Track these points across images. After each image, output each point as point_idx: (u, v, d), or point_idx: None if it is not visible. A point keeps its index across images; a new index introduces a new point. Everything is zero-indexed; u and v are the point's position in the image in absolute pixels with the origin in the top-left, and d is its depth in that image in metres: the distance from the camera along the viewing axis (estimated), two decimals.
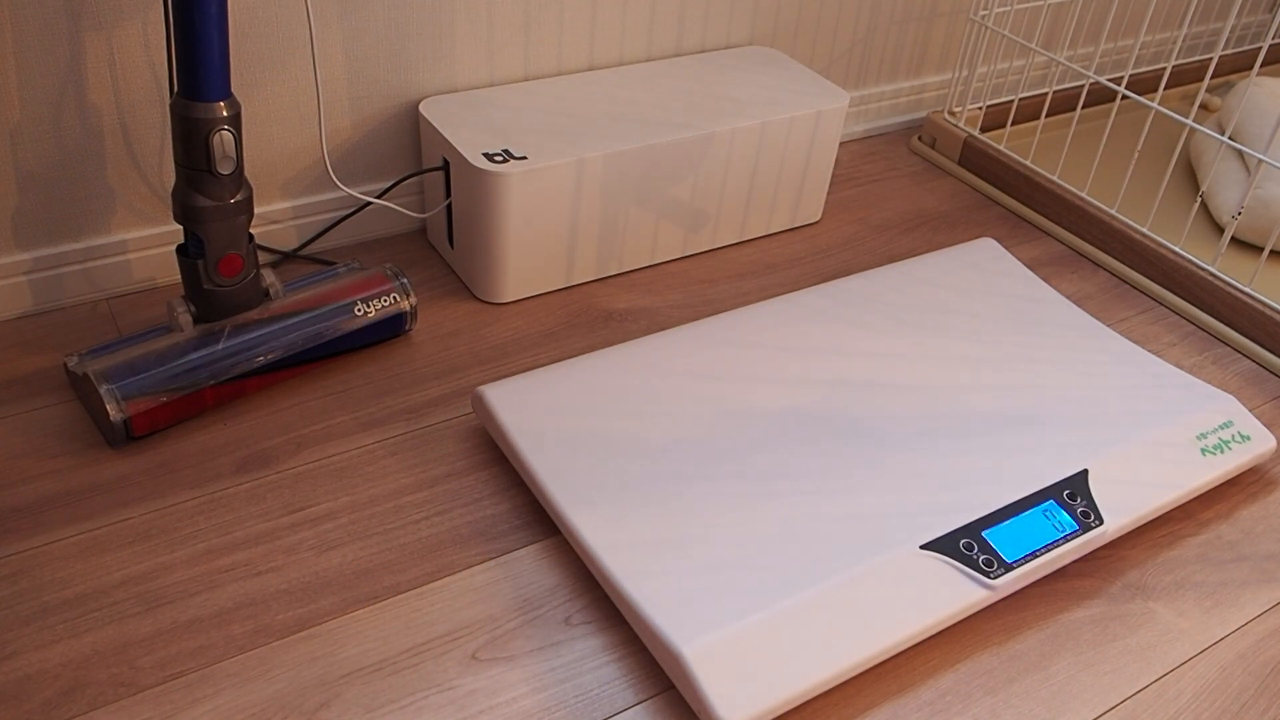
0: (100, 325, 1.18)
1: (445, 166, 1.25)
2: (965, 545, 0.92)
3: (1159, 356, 1.18)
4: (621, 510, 0.94)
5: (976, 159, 1.60)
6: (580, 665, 0.86)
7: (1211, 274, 1.31)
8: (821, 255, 1.41)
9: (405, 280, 1.17)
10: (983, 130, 1.65)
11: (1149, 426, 1.06)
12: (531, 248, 1.23)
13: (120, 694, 0.82)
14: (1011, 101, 1.65)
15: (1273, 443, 1.08)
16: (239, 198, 1.02)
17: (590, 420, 1.03)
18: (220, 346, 1.05)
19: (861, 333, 1.17)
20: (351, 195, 1.30)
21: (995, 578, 0.90)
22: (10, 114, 1.08)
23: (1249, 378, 1.24)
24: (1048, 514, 0.96)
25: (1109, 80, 1.48)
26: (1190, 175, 1.60)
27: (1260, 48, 1.36)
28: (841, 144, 1.69)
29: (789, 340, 1.15)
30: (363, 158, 1.31)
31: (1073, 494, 0.98)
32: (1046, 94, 1.62)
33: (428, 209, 1.35)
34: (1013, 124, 1.63)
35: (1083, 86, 1.54)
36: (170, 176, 1.19)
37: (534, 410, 1.03)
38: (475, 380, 1.14)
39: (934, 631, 0.88)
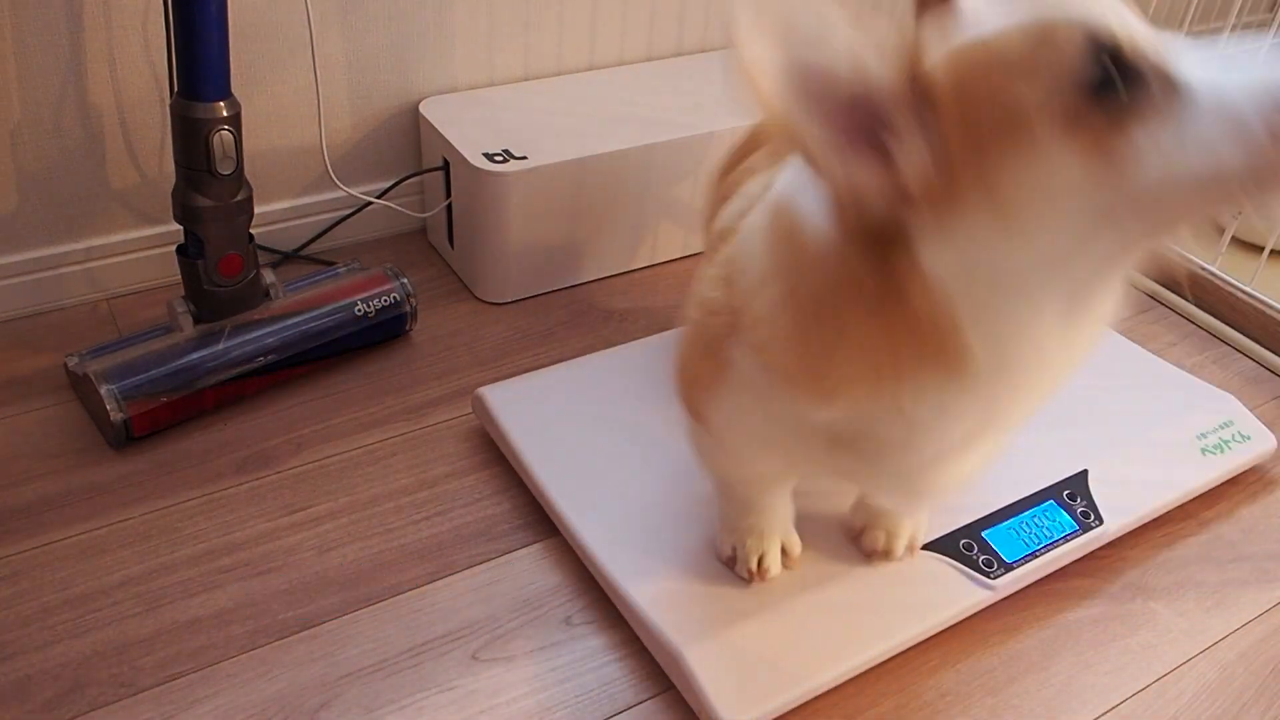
0: (100, 325, 1.18)
1: (445, 166, 1.25)
2: (965, 545, 0.92)
3: (1159, 356, 1.18)
4: (621, 511, 0.94)
5: None
6: (580, 665, 0.86)
7: (1212, 274, 1.31)
8: None
9: (405, 280, 1.17)
10: None
11: (1149, 426, 1.06)
12: (531, 248, 1.23)
13: (121, 694, 0.82)
14: None
15: (1273, 442, 1.08)
16: (239, 198, 1.02)
17: (590, 421, 1.03)
18: (220, 346, 1.05)
19: None
20: (352, 195, 1.30)
21: (995, 578, 0.90)
22: (10, 114, 1.08)
23: (1249, 377, 1.24)
24: (1048, 514, 0.96)
25: None
26: None
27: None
28: None
29: None
30: (363, 158, 1.31)
31: (1073, 494, 0.98)
32: None
33: (428, 209, 1.35)
34: None
35: None
36: (170, 176, 1.19)
37: (534, 411, 1.03)
38: (475, 380, 1.14)
39: (934, 632, 0.88)
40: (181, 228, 1.03)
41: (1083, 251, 0.54)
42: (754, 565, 0.87)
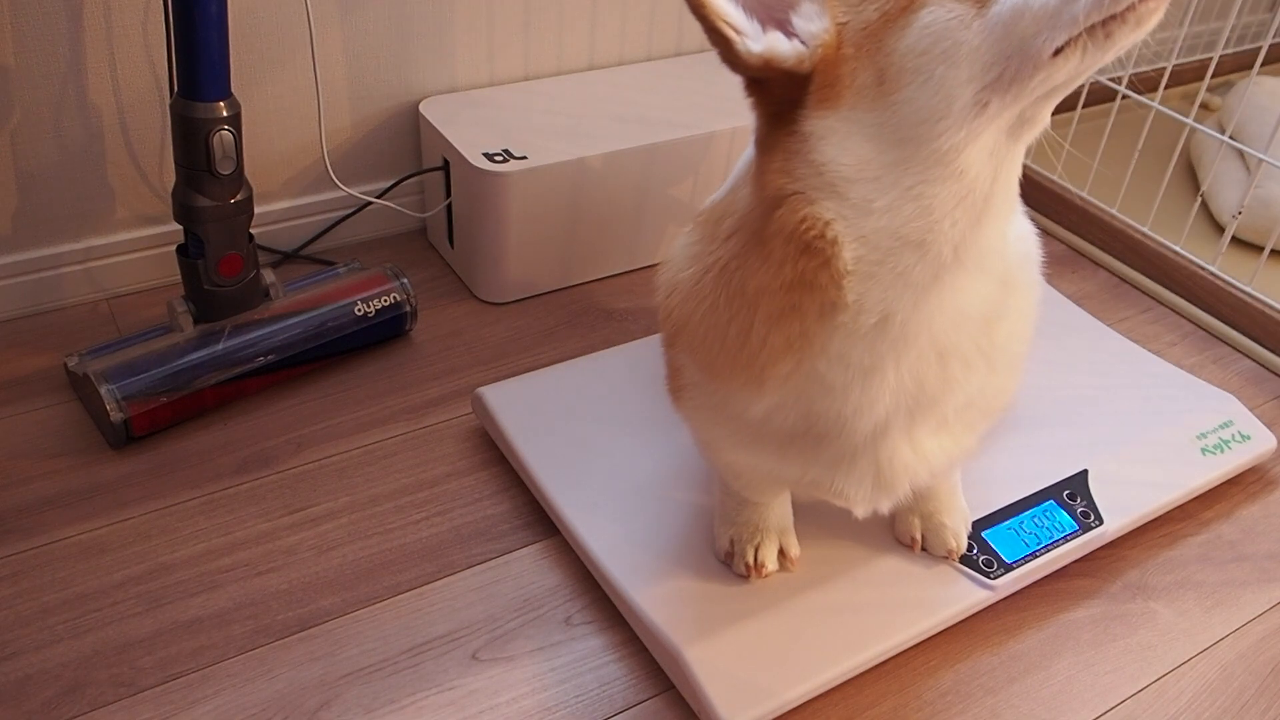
0: (100, 325, 1.18)
1: (445, 166, 1.25)
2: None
3: (1159, 356, 1.18)
4: (621, 511, 0.94)
5: None
6: (580, 665, 0.86)
7: (1212, 274, 1.31)
8: None
9: (405, 280, 1.17)
10: None
11: (1149, 426, 1.06)
12: (531, 248, 1.23)
13: (121, 694, 0.82)
14: None
15: (1273, 442, 1.08)
16: (239, 198, 1.02)
17: (590, 421, 1.03)
18: (220, 346, 1.05)
19: None
20: (352, 195, 1.30)
21: (995, 578, 0.90)
22: (10, 114, 1.08)
23: (1249, 377, 1.24)
24: (1048, 514, 0.96)
25: (1109, 80, 1.48)
26: (1190, 175, 1.60)
27: (1260, 47, 1.36)
28: None
29: None
30: (363, 158, 1.31)
31: (1073, 494, 0.98)
32: None
33: (428, 209, 1.35)
34: None
35: (1083, 86, 1.54)
36: (170, 176, 1.19)
37: (534, 411, 1.03)
38: (475, 380, 1.14)
39: (934, 632, 0.88)
40: (181, 228, 1.03)
41: (956, 116, 0.56)
42: (750, 560, 0.87)
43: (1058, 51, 0.53)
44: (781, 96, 0.60)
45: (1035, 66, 0.54)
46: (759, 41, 0.57)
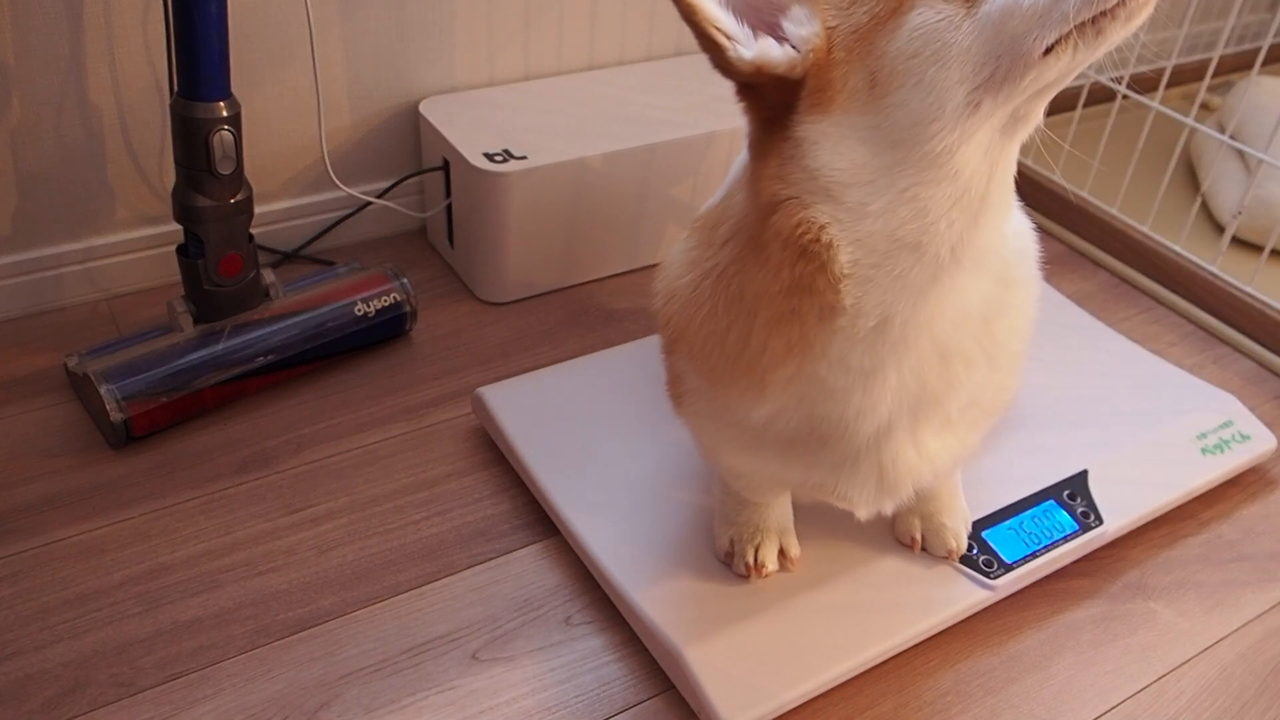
0: (100, 325, 1.18)
1: (445, 166, 1.25)
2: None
3: (1159, 356, 1.18)
4: (621, 511, 0.94)
5: None
6: (580, 665, 0.86)
7: (1212, 274, 1.31)
8: None
9: (405, 280, 1.17)
10: None
11: (1149, 426, 1.06)
12: (531, 248, 1.23)
13: (120, 694, 0.82)
14: None
15: (1273, 442, 1.08)
16: (239, 198, 1.02)
17: (590, 421, 1.03)
18: (220, 346, 1.05)
19: None
20: (352, 195, 1.30)
21: (995, 578, 0.90)
22: (10, 114, 1.08)
23: (1249, 377, 1.24)
24: (1048, 514, 0.96)
25: (1109, 80, 1.48)
26: (1190, 175, 1.60)
27: (1260, 47, 1.36)
28: None
29: None
30: (363, 158, 1.31)
31: (1073, 494, 0.98)
32: None
33: (428, 209, 1.35)
34: None
35: (1083, 86, 1.54)
36: (170, 176, 1.19)
37: (534, 411, 1.03)
38: (475, 380, 1.14)
39: (934, 632, 0.88)
40: (181, 228, 1.03)
41: (948, 117, 0.56)
42: (750, 559, 0.87)
43: (1049, 50, 0.53)
44: (774, 102, 0.60)
45: (1026, 65, 0.54)
46: (750, 47, 0.57)
